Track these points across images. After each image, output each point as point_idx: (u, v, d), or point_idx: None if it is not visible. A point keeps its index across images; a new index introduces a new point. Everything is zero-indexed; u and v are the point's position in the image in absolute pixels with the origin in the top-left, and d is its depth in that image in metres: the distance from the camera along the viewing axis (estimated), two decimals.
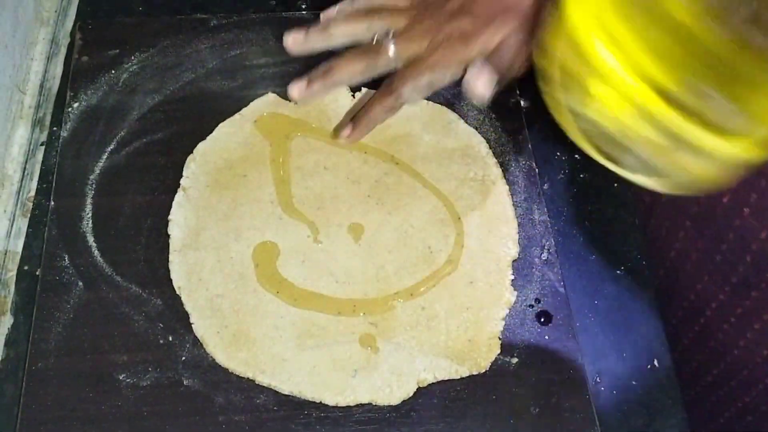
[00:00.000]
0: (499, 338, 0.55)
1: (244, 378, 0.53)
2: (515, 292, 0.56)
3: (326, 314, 0.55)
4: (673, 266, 0.66)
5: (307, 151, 0.62)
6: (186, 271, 0.56)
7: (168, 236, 0.58)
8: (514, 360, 0.54)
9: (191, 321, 0.54)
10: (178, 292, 0.55)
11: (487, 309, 0.55)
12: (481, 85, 0.49)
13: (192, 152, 0.62)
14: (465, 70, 0.53)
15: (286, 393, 0.52)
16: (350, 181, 0.61)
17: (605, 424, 0.53)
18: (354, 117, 0.60)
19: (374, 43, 0.49)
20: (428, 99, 0.65)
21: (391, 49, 0.49)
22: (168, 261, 0.57)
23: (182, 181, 0.60)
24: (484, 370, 0.53)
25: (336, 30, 0.54)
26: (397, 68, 0.53)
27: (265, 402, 0.52)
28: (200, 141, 0.62)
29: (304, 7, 0.72)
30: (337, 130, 0.61)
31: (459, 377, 0.53)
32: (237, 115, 0.64)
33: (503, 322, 0.55)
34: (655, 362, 0.56)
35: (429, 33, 0.49)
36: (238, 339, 0.54)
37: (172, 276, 0.56)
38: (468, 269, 0.57)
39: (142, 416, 0.51)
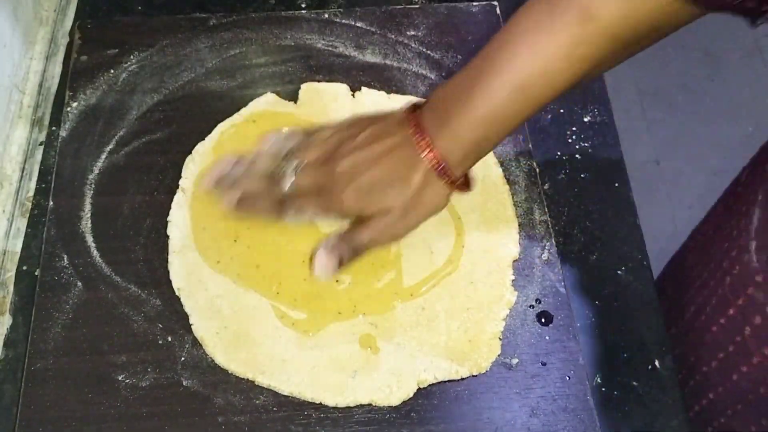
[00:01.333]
0: (500, 338, 0.54)
1: (243, 379, 0.52)
2: (515, 293, 0.56)
3: (326, 315, 0.55)
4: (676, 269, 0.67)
5: None
6: (185, 271, 0.56)
7: (167, 236, 0.58)
8: (515, 360, 0.54)
9: (191, 322, 0.54)
10: (177, 293, 0.55)
11: (487, 309, 0.55)
12: (319, 266, 0.51)
13: (191, 152, 0.61)
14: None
15: (286, 394, 0.52)
16: None
17: (606, 425, 0.53)
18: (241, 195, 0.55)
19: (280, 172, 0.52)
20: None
21: (288, 184, 0.51)
22: (167, 261, 0.56)
23: (181, 182, 0.60)
24: (484, 371, 0.53)
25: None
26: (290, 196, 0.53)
27: (264, 403, 0.52)
28: (199, 141, 0.62)
29: (303, 6, 0.72)
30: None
31: (459, 378, 0.53)
32: (236, 115, 0.63)
33: (503, 323, 0.55)
34: (656, 363, 0.56)
35: (320, 179, 0.51)
36: (237, 340, 0.53)
37: (172, 277, 0.56)
38: (468, 269, 0.57)
39: (141, 417, 0.51)
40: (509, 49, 0.46)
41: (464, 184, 0.51)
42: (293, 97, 0.65)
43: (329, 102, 0.64)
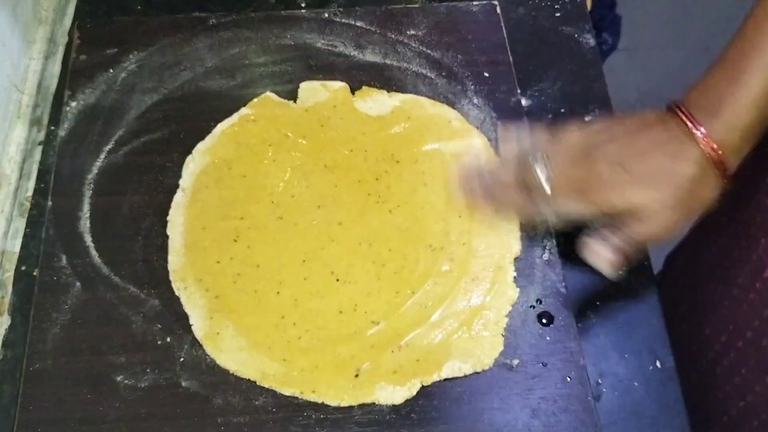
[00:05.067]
0: (502, 335, 0.54)
1: (243, 379, 0.52)
2: (517, 289, 0.56)
3: (327, 313, 0.54)
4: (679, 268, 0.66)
5: (307, 150, 0.62)
6: (185, 272, 0.56)
7: (166, 237, 0.57)
8: (516, 361, 0.54)
9: (191, 322, 0.54)
10: (177, 293, 0.55)
11: (489, 306, 0.55)
12: (607, 264, 0.51)
13: (191, 152, 0.61)
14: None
15: (288, 394, 0.52)
16: (351, 180, 0.60)
17: (607, 426, 0.53)
18: (489, 191, 0.57)
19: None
20: (430, 97, 0.65)
21: (546, 186, 0.51)
22: (166, 261, 0.56)
23: (181, 182, 0.60)
24: (487, 367, 0.53)
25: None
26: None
27: (264, 403, 0.52)
28: (199, 140, 0.62)
29: (303, 5, 0.72)
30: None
31: (463, 375, 0.53)
32: (236, 115, 0.63)
33: (506, 319, 0.55)
34: (657, 363, 0.56)
35: (581, 176, 0.50)
36: (238, 340, 0.53)
37: (171, 277, 0.56)
38: (469, 266, 0.57)
39: (140, 417, 0.51)
40: None
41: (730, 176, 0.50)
42: (293, 96, 0.65)
43: (328, 101, 0.64)
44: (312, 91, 0.65)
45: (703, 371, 0.64)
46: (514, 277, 0.57)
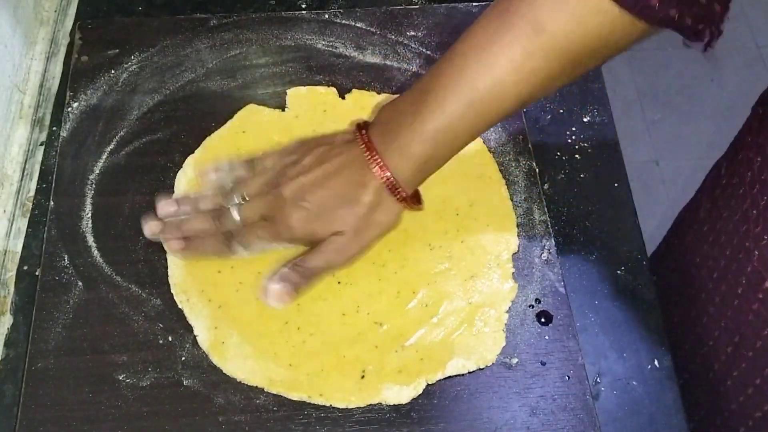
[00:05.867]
0: (503, 330, 0.54)
1: None
2: (516, 284, 0.56)
3: (330, 316, 0.55)
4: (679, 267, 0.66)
5: None
6: (187, 284, 0.55)
7: None
8: (515, 360, 0.54)
9: (195, 333, 0.54)
10: (179, 306, 0.55)
11: (489, 302, 0.55)
12: (272, 295, 0.51)
13: (192, 152, 0.61)
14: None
15: (296, 399, 0.52)
16: None
17: (605, 425, 0.53)
18: (186, 236, 0.55)
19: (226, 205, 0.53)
20: None
21: (236, 216, 0.52)
22: (167, 261, 0.56)
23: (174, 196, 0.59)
24: (490, 363, 0.53)
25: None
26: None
27: (265, 402, 0.52)
28: (200, 141, 0.62)
29: (303, 6, 0.72)
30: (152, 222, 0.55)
31: (467, 371, 0.53)
32: (223, 128, 0.63)
33: (507, 315, 0.55)
34: (655, 362, 0.56)
35: (267, 207, 0.51)
36: (243, 348, 0.53)
37: (173, 290, 0.55)
38: (469, 264, 0.57)
39: (141, 416, 0.51)
40: (460, 63, 0.46)
41: (415, 200, 0.52)
42: None
43: (319, 105, 0.64)
44: (299, 97, 0.64)
45: (700, 368, 0.64)
46: (513, 273, 0.57)
